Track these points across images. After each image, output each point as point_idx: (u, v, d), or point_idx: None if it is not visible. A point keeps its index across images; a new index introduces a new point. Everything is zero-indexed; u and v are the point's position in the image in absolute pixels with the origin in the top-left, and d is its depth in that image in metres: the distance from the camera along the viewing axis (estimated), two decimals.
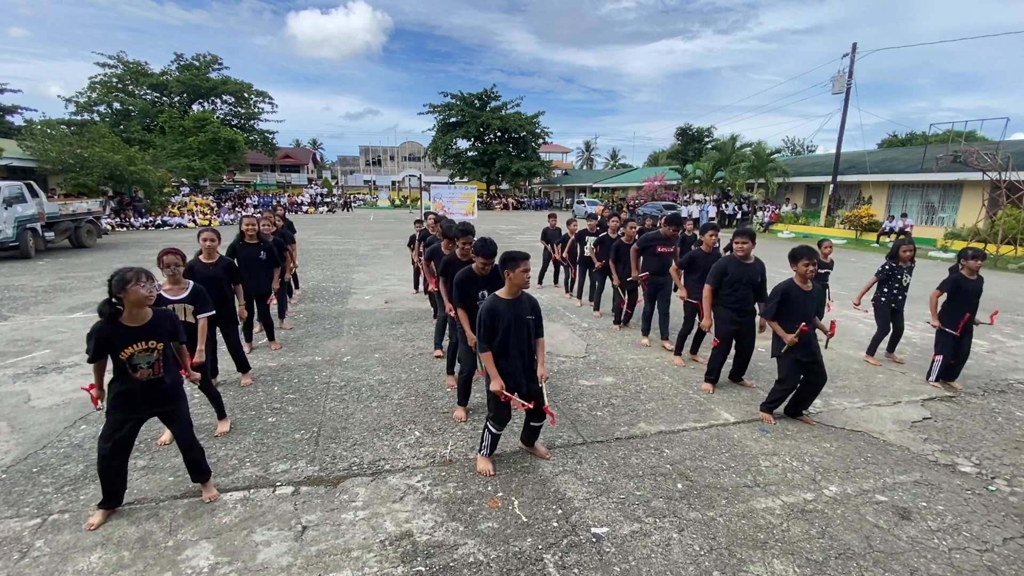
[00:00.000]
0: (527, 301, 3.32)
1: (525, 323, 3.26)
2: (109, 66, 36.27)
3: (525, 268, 3.18)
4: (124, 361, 2.68)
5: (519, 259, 3.17)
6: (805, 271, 4.03)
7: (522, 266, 3.16)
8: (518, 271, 3.16)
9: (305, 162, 61.30)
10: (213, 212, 27.46)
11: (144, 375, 2.75)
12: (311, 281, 10.05)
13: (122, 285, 2.62)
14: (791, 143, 54.08)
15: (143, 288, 2.65)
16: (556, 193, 54.43)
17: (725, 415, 4.37)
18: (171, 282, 3.73)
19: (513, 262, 3.17)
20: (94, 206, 16.31)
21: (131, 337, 2.69)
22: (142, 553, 2.61)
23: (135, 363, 2.71)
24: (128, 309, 2.68)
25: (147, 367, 2.75)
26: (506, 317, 3.18)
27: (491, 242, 3.74)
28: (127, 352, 2.67)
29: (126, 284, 2.62)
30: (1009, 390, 5.14)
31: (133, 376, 2.72)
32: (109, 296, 2.66)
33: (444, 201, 28.93)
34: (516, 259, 3.17)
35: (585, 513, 3.00)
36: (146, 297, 2.68)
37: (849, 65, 22.86)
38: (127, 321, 2.70)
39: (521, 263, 3.16)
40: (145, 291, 2.67)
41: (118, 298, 2.64)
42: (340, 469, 3.43)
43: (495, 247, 3.73)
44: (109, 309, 2.65)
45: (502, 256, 3.29)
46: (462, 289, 3.83)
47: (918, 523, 2.98)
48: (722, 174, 27.97)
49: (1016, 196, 15.13)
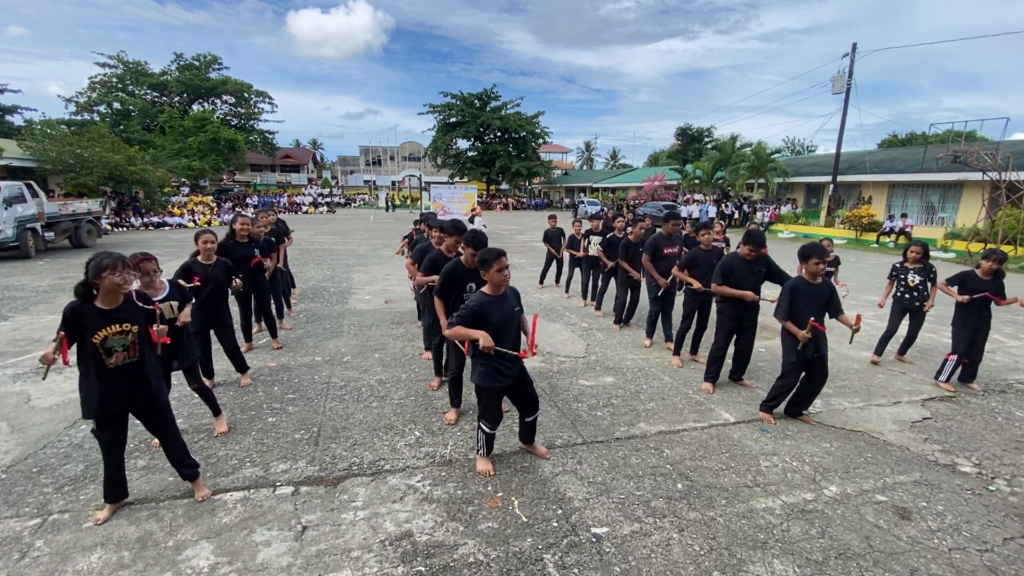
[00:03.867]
0: (512, 294, 3.35)
1: (514, 315, 3.30)
2: (109, 66, 36.32)
3: (499, 267, 3.16)
4: (97, 346, 2.66)
5: (491, 260, 3.16)
6: (815, 269, 4.01)
7: (495, 265, 3.15)
8: (493, 271, 3.16)
9: (305, 162, 61.29)
10: (213, 212, 27.44)
11: (119, 359, 2.73)
12: (311, 281, 10.05)
13: (97, 272, 2.63)
14: (791, 143, 54.06)
15: (117, 277, 2.65)
16: (556, 193, 54.42)
17: (725, 415, 4.37)
18: (145, 287, 3.57)
19: (486, 264, 3.17)
20: (94, 206, 16.31)
21: (104, 319, 2.68)
22: (142, 553, 2.61)
23: (109, 347, 2.69)
24: (102, 294, 2.68)
25: (122, 350, 2.73)
26: (496, 313, 3.18)
27: (482, 235, 3.77)
28: (100, 335, 2.66)
29: (101, 271, 2.63)
30: (1009, 390, 5.14)
31: (107, 363, 2.69)
32: (85, 279, 2.67)
33: (444, 201, 28.94)
34: (489, 260, 3.16)
35: (585, 513, 3.00)
36: (120, 285, 2.68)
37: (849, 65, 22.87)
38: (101, 304, 2.70)
39: (494, 263, 3.15)
40: (120, 279, 2.67)
41: (94, 283, 2.65)
42: (340, 469, 3.43)
43: (486, 239, 3.76)
44: (84, 291, 2.67)
45: (479, 257, 3.27)
46: (449, 279, 3.84)
47: (918, 523, 2.98)
48: (722, 174, 27.95)
49: (1016, 196, 15.12)
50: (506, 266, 3.20)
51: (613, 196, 42.74)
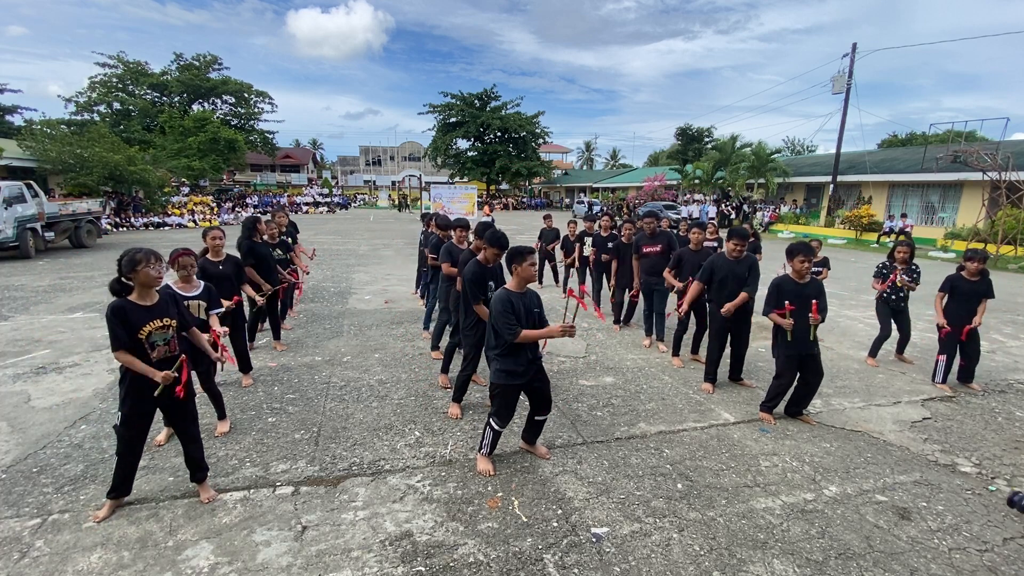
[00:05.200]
0: (532, 295, 3.39)
1: (533, 316, 3.32)
2: (109, 66, 36.31)
3: (532, 262, 3.30)
4: (143, 340, 2.71)
5: (526, 253, 3.29)
6: (800, 267, 4.05)
7: (528, 260, 3.28)
8: (525, 264, 3.27)
9: (305, 162, 61.31)
10: (213, 212, 27.44)
11: (161, 352, 2.79)
12: (311, 281, 10.04)
13: (132, 266, 2.67)
14: (791, 143, 54.03)
15: (152, 269, 2.71)
16: (556, 193, 54.43)
17: (725, 415, 4.37)
18: (183, 281, 3.75)
19: (520, 256, 3.29)
20: (94, 206, 16.31)
21: (147, 315, 2.74)
22: (142, 553, 2.61)
23: (153, 341, 2.75)
24: (138, 289, 2.73)
25: (163, 344, 2.80)
26: (519, 311, 3.23)
27: (504, 235, 3.84)
28: (146, 330, 2.71)
29: (136, 265, 2.67)
30: (1009, 390, 5.14)
31: (151, 356, 2.75)
32: (119, 275, 2.70)
33: (444, 201, 28.95)
34: (523, 253, 3.29)
35: (585, 513, 3.00)
36: (155, 278, 2.74)
37: (849, 65, 22.88)
38: (138, 300, 2.74)
39: (528, 257, 3.28)
40: (155, 272, 2.72)
41: (128, 278, 2.69)
42: (340, 469, 3.43)
43: (508, 241, 3.81)
44: (119, 287, 2.70)
45: (509, 251, 3.40)
46: (477, 284, 3.90)
47: (918, 523, 2.98)
48: (722, 174, 27.96)
49: (1016, 196, 15.12)
50: (536, 263, 3.33)
51: (613, 196, 42.75)
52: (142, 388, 2.75)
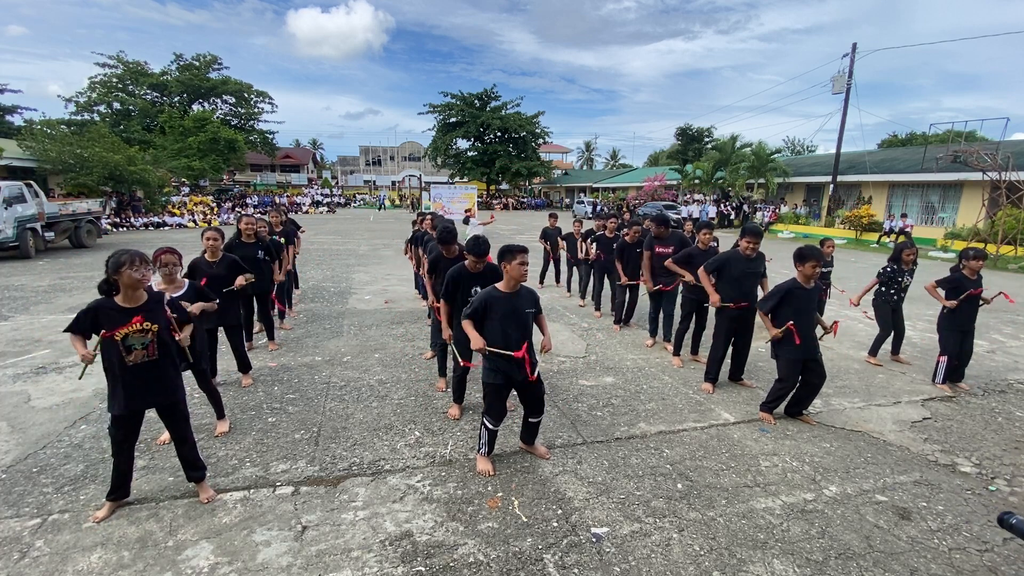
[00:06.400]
0: (527, 294, 3.36)
1: (525, 316, 3.30)
2: (109, 66, 36.33)
3: (521, 261, 3.24)
4: (119, 343, 2.71)
5: (515, 251, 3.24)
6: (812, 272, 4.01)
7: (518, 258, 3.23)
8: (514, 263, 3.23)
9: (305, 162, 61.29)
10: (213, 212, 27.44)
11: (138, 357, 2.77)
12: (311, 281, 10.05)
13: (116, 268, 2.69)
14: (791, 143, 54.03)
15: (135, 271, 2.71)
16: (556, 193, 54.41)
17: (725, 415, 4.37)
18: (166, 282, 3.70)
19: (510, 255, 3.25)
20: (94, 206, 16.31)
21: (126, 316, 2.74)
22: (142, 553, 2.61)
23: (129, 344, 2.74)
24: (122, 291, 2.75)
25: (141, 348, 2.78)
26: (502, 308, 3.22)
27: (483, 240, 3.79)
28: (122, 331, 2.71)
29: (120, 267, 2.68)
30: (1009, 390, 5.14)
31: (126, 360, 2.74)
32: (106, 276, 2.73)
33: (444, 201, 28.96)
34: (512, 251, 3.25)
35: (585, 513, 3.00)
36: (138, 280, 2.74)
37: (849, 65, 22.87)
38: (122, 302, 2.76)
39: (517, 255, 3.23)
40: (138, 275, 2.72)
41: (113, 280, 2.71)
42: (340, 469, 3.43)
43: (487, 246, 3.80)
44: (106, 287, 2.73)
45: (500, 249, 3.36)
46: (453, 285, 3.87)
47: (918, 523, 2.98)
48: (722, 174, 27.96)
49: (1016, 196, 15.12)
50: (527, 262, 3.28)
51: (613, 196, 42.74)
52: (129, 387, 2.75)
